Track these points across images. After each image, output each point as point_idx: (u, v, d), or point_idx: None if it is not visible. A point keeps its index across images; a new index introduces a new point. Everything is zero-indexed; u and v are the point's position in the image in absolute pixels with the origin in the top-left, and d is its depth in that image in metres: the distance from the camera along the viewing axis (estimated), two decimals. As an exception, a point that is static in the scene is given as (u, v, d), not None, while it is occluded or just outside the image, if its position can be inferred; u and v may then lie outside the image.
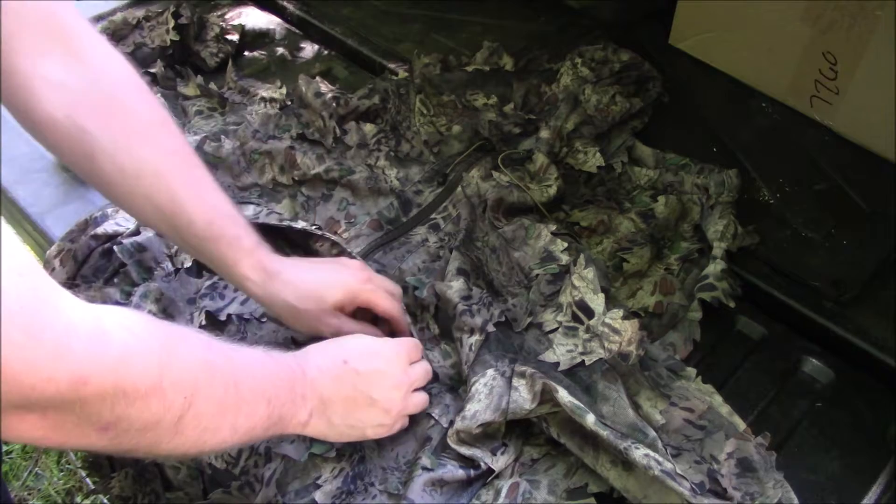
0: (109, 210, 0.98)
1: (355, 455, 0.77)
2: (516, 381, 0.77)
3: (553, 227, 0.94)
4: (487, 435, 0.77)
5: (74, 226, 0.97)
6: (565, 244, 0.92)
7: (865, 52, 1.07)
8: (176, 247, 0.91)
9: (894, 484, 0.79)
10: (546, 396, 0.75)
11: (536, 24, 1.38)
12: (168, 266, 0.89)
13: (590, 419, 0.71)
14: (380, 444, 0.78)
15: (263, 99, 1.16)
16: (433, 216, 1.00)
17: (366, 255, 0.95)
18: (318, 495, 0.74)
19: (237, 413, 0.59)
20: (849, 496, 0.77)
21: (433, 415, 0.79)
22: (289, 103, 1.15)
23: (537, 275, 0.90)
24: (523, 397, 0.75)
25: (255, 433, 0.63)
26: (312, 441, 0.75)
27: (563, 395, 0.73)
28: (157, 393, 0.51)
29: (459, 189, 1.01)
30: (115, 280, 0.92)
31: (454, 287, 0.85)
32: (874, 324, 0.91)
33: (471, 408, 0.76)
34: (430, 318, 0.88)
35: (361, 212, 1.01)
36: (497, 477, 0.76)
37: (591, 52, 1.21)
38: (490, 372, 0.78)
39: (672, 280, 0.94)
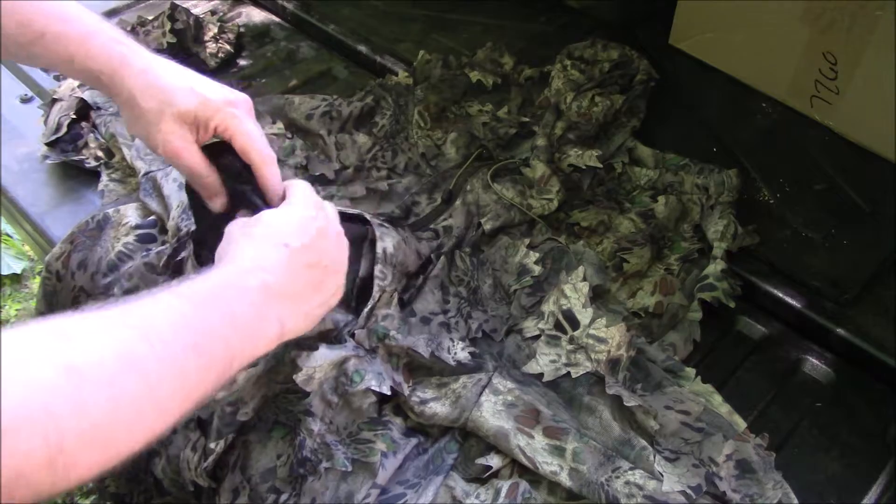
0: (109, 210, 0.98)
1: (296, 439, 0.74)
2: (485, 397, 0.76)
3: (527, 241, 0.94)
4: None
5: (75, 227, 0.96)
6: (538, 255, 0.92)
7: (865, 52, 1.07)
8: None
9: (894, 484, 0.79)
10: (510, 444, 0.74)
11: (536, 24, 1.38)
12: None
13: (560, 477, 0.72)
14: (315, 417, 0.75)
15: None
16: (431, 226, 0.99)
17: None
18: (278, 482, 0.73)
19: (148, 403, 0.45)
20: (849, 496, 0.77)
21: (371, 386, 0.75)
22: (289, 136, 1.09)
23: (515, 290, 0.91)
24: (483, 417, 0.75)
25: (206, 391, 0.50)
26: (275, 424, 0.75)
27: (531, 456, 0.73)
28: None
29: (459, 202, 1.01)
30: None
31: (430, 300, 0.85)
32: (874, 324, 0.91)
33: (432, 407, 0.76)
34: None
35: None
36: (497, 477, 0.76)
37: (581, 49, 1.21)
38: (463, 379, 0.78)
39: (672, 280, 0.94)
